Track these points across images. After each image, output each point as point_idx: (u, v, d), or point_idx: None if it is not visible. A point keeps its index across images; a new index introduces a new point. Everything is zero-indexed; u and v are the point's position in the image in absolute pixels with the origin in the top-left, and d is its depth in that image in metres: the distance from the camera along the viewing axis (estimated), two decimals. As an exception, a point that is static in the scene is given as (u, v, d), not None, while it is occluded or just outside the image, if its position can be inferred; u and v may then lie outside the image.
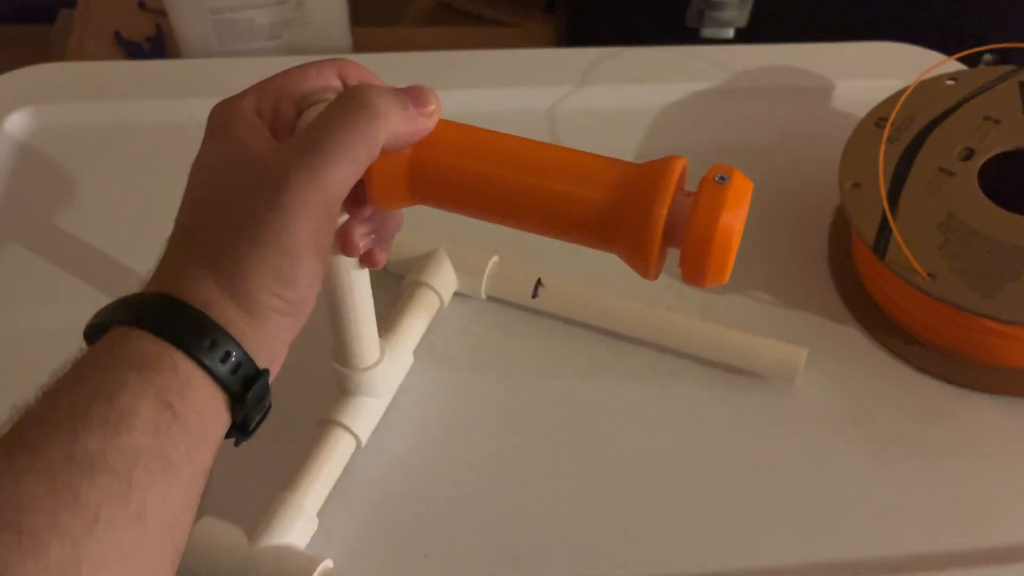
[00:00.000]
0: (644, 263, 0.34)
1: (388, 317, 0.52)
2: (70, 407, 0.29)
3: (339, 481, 0.47)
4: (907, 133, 0.56)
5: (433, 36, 1.02)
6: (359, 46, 0.97)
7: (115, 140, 0.66)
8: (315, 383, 0.47)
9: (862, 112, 0.59)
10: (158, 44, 0.95)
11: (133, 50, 0.95)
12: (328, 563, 0.43)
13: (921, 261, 0.50)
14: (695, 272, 0.33)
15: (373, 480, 0.49)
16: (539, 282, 0.54)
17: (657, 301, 0.54)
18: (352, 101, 0.34)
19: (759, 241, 0.60)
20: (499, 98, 0.67)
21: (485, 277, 0.55)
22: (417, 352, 0.52)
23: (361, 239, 0.39)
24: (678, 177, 0.34)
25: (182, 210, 0.35)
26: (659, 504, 0.48)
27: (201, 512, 0.41)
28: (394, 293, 0.54)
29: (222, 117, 0.35)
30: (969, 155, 0.55)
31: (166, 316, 0.31)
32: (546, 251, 0.57)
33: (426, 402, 0.52)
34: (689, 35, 0.89)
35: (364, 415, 0.48)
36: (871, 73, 0.69)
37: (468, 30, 1.02)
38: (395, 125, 0.34)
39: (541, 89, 0.68)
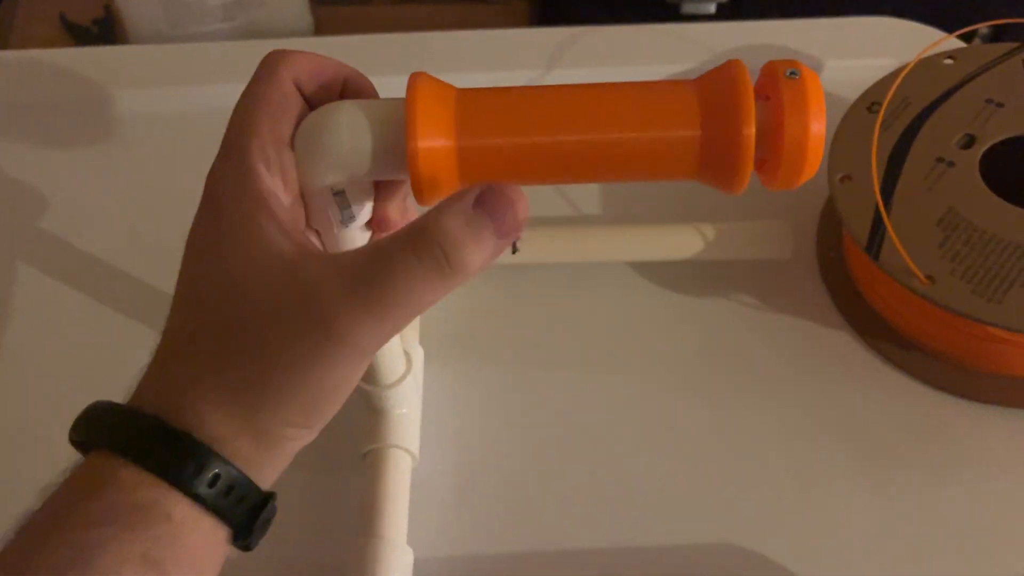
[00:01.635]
0: (736, 186, 0.31)
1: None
2: (47, 571, 0.26)
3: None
4: (902, 119, 0.52)
5: (401, 15, 0.97)
6: (321, 27, 0.92)
7: (60, 134, 0.61)
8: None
9: (854, 94, 0.54)
10: (106, 26, 0.90)
11: (80, 33, 0.90)
12: None
13: (918, 262, 0.45)
14: (789, 179, 0.31)
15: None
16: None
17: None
18: (430, 249, 0.28)
19: (743, 237, 0.56)
20: (468, 83, 0.62)
21: None
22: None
23: (397, 214, 0.34)
24: (750, 84, 0.30)
25: (180, 305, 0.30)
26: (615, 524, 0.44)
27: None
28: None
29: (231, 191, 0.29)
30: (970, 142, 0.50)
31: (162, 450, 0.28)
32: None
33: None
34: (670, 11, 0.84)
35: (408, 428, 0.45)
36: (864, 52, 0.64)
37: (439, 8, 0.97)
38: (476, 268, 0.29)
39: (511, 73, 0.63)
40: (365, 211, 0.33)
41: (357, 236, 0.33)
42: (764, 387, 0.49)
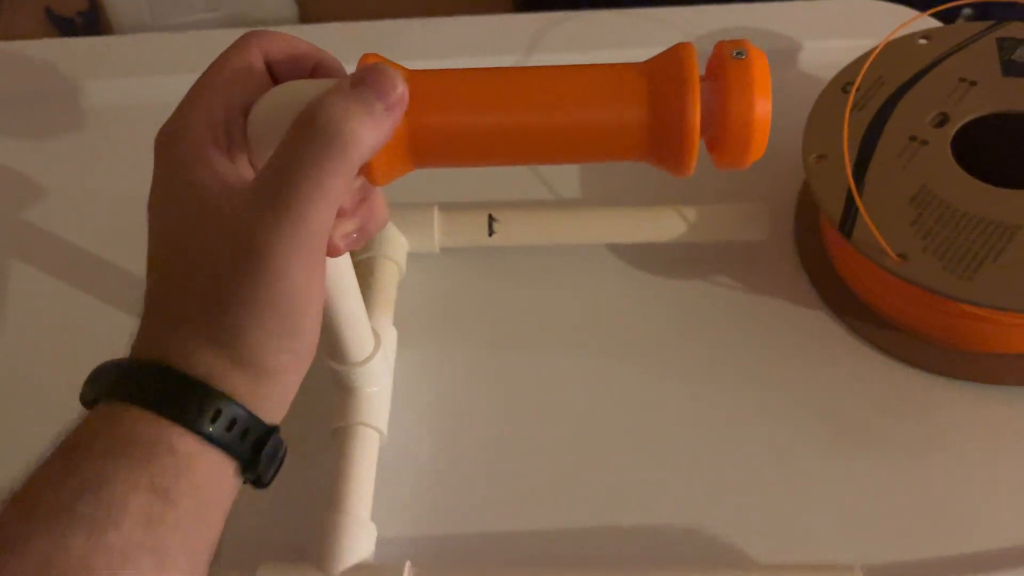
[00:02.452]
0: (683, 168, 0.32)
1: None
2: (55, 502, 0.27)
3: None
4: (876, 98, 0.52)
5: (386, 2, 0.97)
6: (306, 15, 0.92)
7: (47, 124, 0.61)
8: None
9: (832, 75, 0.54)
10: (91, 19, 0.90)
11: (65, 26, 0.90)
12: (408, 565, 0.41)
13: (891, 240, 0.46)
14: (735, 159, 0.32)
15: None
16: (491, 218, 0.52)
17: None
18: (316, 132, 0.29)
19: (720, 219, 0.56)
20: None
21: (436, 229, 0.52)
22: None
23: (343, 241, 0.34)
24: (695, 66, 0.31)
25: (151, 259, 0.32)
26: (587, 504, 0.44)
27: (243, 563, 0.41)
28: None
29: (173, 150, 0.31)
30: (943, 121, 0.51)
31: (162, 391, 0.29)
32: (487, 183, 0.56)
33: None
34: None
35: (377, 407, 0.46)
36: (841, 32, 0.64)
37: (423, -5, 0.97)
38: (370, 140, 0.30)
39: (496, 58, 0.64)
40: None
41: None
42: (741, 366, 0.50)
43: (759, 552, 0.43)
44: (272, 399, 0.31)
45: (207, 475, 0.29)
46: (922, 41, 0.54)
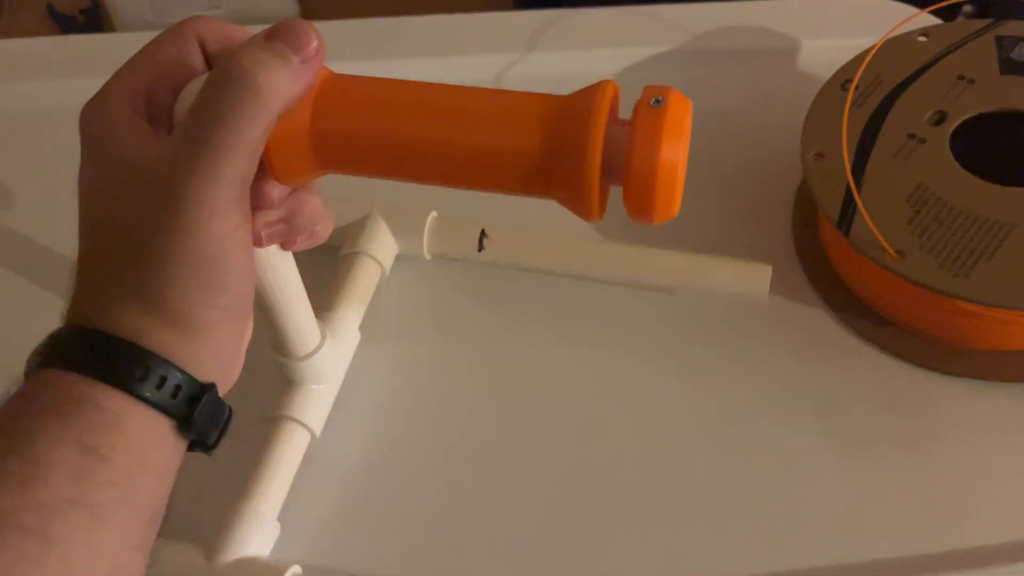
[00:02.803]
0: (585, 206, 0.31)
1: (327, 294, 0.48)
2: None
3: (297, 477, 0.44)
4: (875, 96, 0.52)
5: (388, 1, 0.98)
6: (307, 13, 0.92)
7: (45, 123, 0.61)
8: (259, 377, 0.43)
9: (830, 73, 0.54)
10: (93, 16, 0.90)
11: (67, 23, 0.90)
12: (296, 569, 0.41)
13: (889, 238, 0.46)
14: (641, 210, 0.30)
15: (332, 472, 0.46)
16: (483, 234, 0.51)
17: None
18: (230, 80, 0.29)
19: (719, 216, 0.56)
20: (444, 67, 0.63)
21: (426, 236, 0.52)
22: (364, 327, 0.49)
23: (266, 230, 0.34)
24: (608, 105, 0.30)
25: (81, 233, 0.32)
26: (581, 511, 0.45)
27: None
28: (331, 267, 0.51)
29: (94, 122, 0.32)
30: (941, 119, 0.51)
31: (88, 352, 0.29)
32: (487, 200, 0.55)
33: (380, 381, 0.49)
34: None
35: (314, 405, 0.45)
36: (841, 31, 0.64)
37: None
38: (285, 89, 0.30)
39: (488, 57, 0.64)
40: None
41: None
42: (739, 362, 0.50)
43: (755, 549, 0.43)
44: (204, 358, 0.31)
45: (140, 433, 0.29)
46: (921, 39, 0.55)
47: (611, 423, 0.48)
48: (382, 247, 0.51)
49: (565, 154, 0.30)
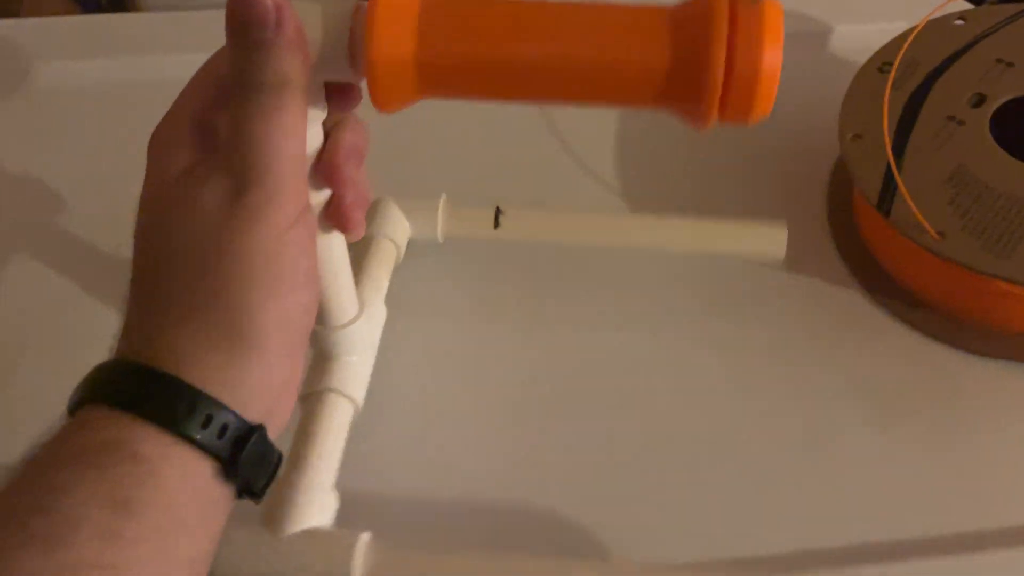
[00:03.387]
0: (703, 117, 0.30)
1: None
2: (11, 517, 0.26)
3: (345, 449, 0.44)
4: (913, 79, 0.52)
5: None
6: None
7: (74, 101, 0.61)
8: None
9: (863, 58, 0.54)
10: (118, 2, 0.90)
11: (90, 4, 0.90)
12: (366, 536, 0.39)
13: (929, 218, 0.46)
14: (740, 110, 0.30)
15: (378, 442, 0.46)
16: (498, 211, 0.51)
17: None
18: (246, 90, 0.29)
19: (753, 198, 0.56)
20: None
21: (440, 217, 0.52)
22: (386, 304, 0.49)
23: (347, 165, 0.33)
24: (724, 8, 0.30)
25: (135, 256, 0.31)
26: (641, 489, 0.45)
27: None
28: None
29: (155, 144, 0.32)
30: (980, 101, 0.51)
31: (129, 387, 0.28)
32: (493, 180, 0.57)
33: (412, 354, 0.49)
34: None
35: (355, 376, 0.45)
36: (874, 15, 0.64)
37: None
38: (281, 67, 0.29)
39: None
40: (317, 134, 0.33)
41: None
42: (775, 344, 0.50)
43: (788, 525, 0.43)
44: (254, 385, 0.29)
45: (179, 483, 0.27)
46: (958, 22, 0.55)
47: (643, 398, 0.48)
48: (397, 229, 0.51)
49: (688, 66, 0.29)
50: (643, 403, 0.48)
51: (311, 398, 0.44)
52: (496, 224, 0.51)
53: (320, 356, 0.45)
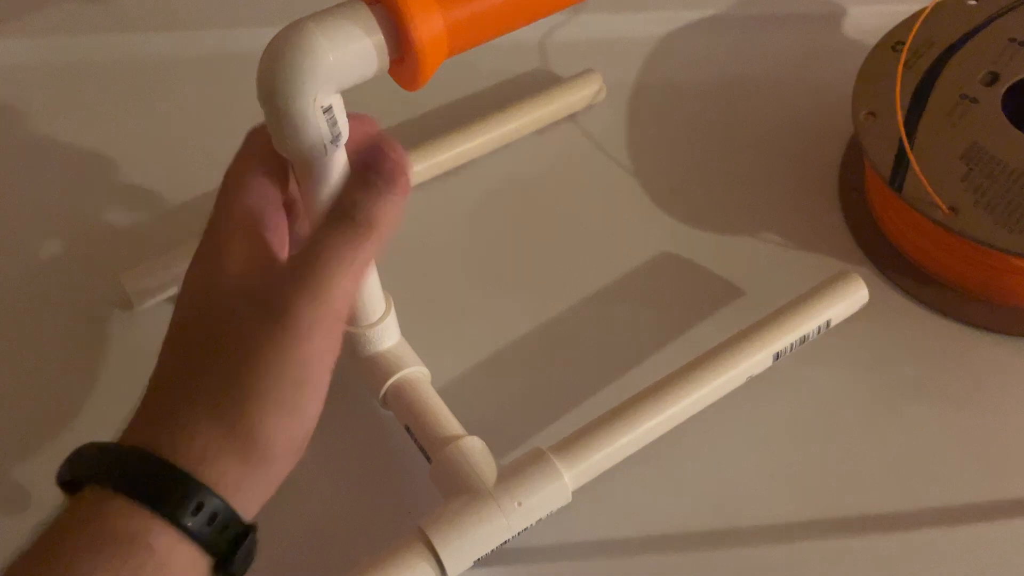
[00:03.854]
0: None
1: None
2: None
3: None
4: (926, 58, 0.52)
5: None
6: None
7: (72, 79, 0.62)
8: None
9: (877, 39, 0.54)
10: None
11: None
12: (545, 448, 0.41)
13: (942, 194, 0.46)
14: None
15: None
16: None
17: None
18: (347, 219, 0.32)
19: (766, 178, 0.56)
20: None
21: None
22: None
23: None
24: None
25: (167, 338, 0.32)
26: (641, 454, 0.45)
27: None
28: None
29: (216, 218, 0.33)
30: (993, 80, 0.51)
31: (146, 480, 0.29)
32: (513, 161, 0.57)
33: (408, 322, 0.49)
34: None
35: (409, 353, 0.45)
36: (887, -3, 0.64)
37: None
38: (389, 224, 0.32)
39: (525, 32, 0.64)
40: (346, 127, 0.34)
41: (342, 159, 0.34)
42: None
43: (809, 494, 0.44)
44: (258, 495, 0.31)
45: (182, 571, 0.29)
46: (972, 3, 0.55)
47: (656, 369, 0.48)
48: None
49: None
50: (646, 381, 0.48)
51: (392, 389, 0.44)
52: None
53: (363, 361, 0.44)
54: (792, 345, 0.45)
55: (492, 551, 0.39)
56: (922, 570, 0.41)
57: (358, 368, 0.45)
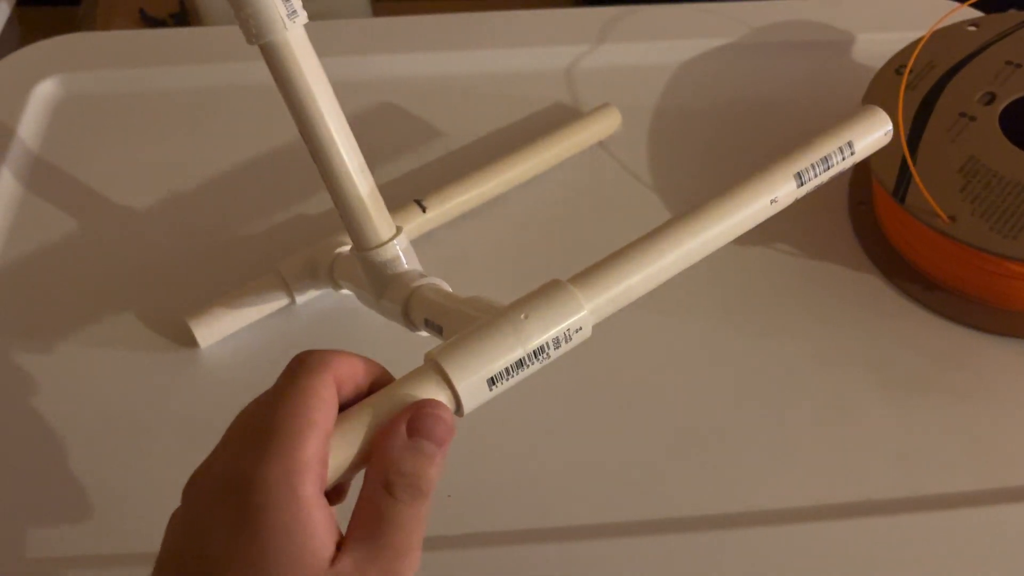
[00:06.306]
0: None
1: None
2: None
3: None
4: (927, 79, 0.56)
5: (452, 4, 1.03)
6: (377, 10, 0.98)
7: (142, 107, 0.67)
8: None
9: (882, 64, 0.58)
10: (182, 20, 0.97)
11: (158, 27, 0.97)
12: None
13: (942, 204, 0.50)
14: None
15: None
16: (420, 205, 0.56)
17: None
18: (410, 489, 0.31)
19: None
20: (516, 58, 0.68)
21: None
22: None
23: None
24: None
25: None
26: (669, 447, 0.49)
27: None
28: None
29: (276, 499, 0.29)
30: (991, 99, 0.54)
31: None
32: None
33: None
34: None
35: (423, 274, 0.45)
36: (893, 25, 0.68)
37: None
38: (437, 479, 0.31)
39: (558, 48, 0.68)
40: (302, 9, 0.38)
41: (306, 39, 0.38)
42: (798, 325, 0.53)
43: (818, 484, 0.47)
44: None
45: None
46: (971, 28, 0.59)
47: (671, 377, 0.52)
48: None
49: None
50: (672, 380, 0.52)
51: (415, 294, 0.43)
52: (423, 210, 0.56)
53: (382, 283, 0.44)
54: (814, 167, 0.43)
55: (508, 374, 0.35)
56: (923, 553, 0.44)
57: (380, 303, 0.45)
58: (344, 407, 0.32)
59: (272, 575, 0.29)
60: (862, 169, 0.60)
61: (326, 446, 0.31)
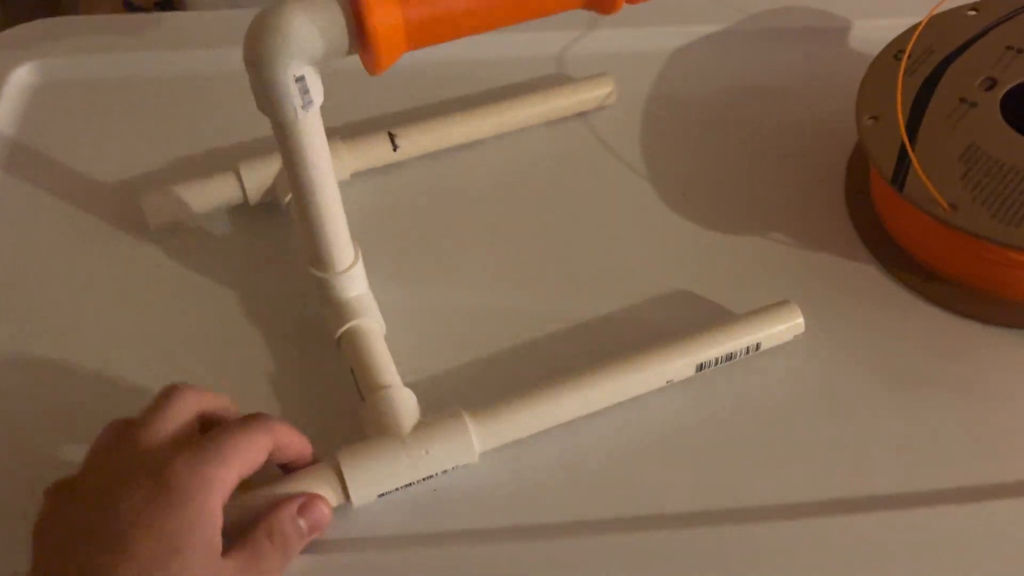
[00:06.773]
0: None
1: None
2: None
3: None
4: (926, 65, 0.55)
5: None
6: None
7: (121, 93, 0.65)
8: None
9: (880, 50, 0.57)
10: (167, 9, 0.95)
11: (137, 9, 0.95)
12: (461, 411, 0.45)
13: (942, 191, 0.48)
14: None
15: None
16: (392, 136, 0.57)
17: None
18: (281, 546, 0.41)
19: (776, 183, 0.59)
20: (507, 44, 0.66)
21: (343, 156, 0.57)
22: None
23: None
24: None
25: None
26: (665, 441, 0.47)
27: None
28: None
29: (193, 543, 0.36)
30: (991, 85, 0.53)
31: None
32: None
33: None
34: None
35: (371, 306, 0.50)
36: (891, 10, 0.66)
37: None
38: (299, 547, 0.41)
39: (550, 33, 0.67)
40: (319, 94, 0.40)
41: (317, 120, 0.41)
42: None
43: (819, 477, 0.46)
44: None
45: None
46: (971, 13, 0.57)
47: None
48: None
49: None
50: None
51: (347, 335, 0.48)
52: (394, 148, 0.58)
53: (329, 304, 0.49)
54: (718, 360, 0.48)
55: (399, 489, 0.44)
56: (925, 547, 0.43)
57: (324, 312, 0.50)
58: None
59: (181, 546, 0.35)
60: (859, 157, 0.59)
61: (236, 482, 0.39)
